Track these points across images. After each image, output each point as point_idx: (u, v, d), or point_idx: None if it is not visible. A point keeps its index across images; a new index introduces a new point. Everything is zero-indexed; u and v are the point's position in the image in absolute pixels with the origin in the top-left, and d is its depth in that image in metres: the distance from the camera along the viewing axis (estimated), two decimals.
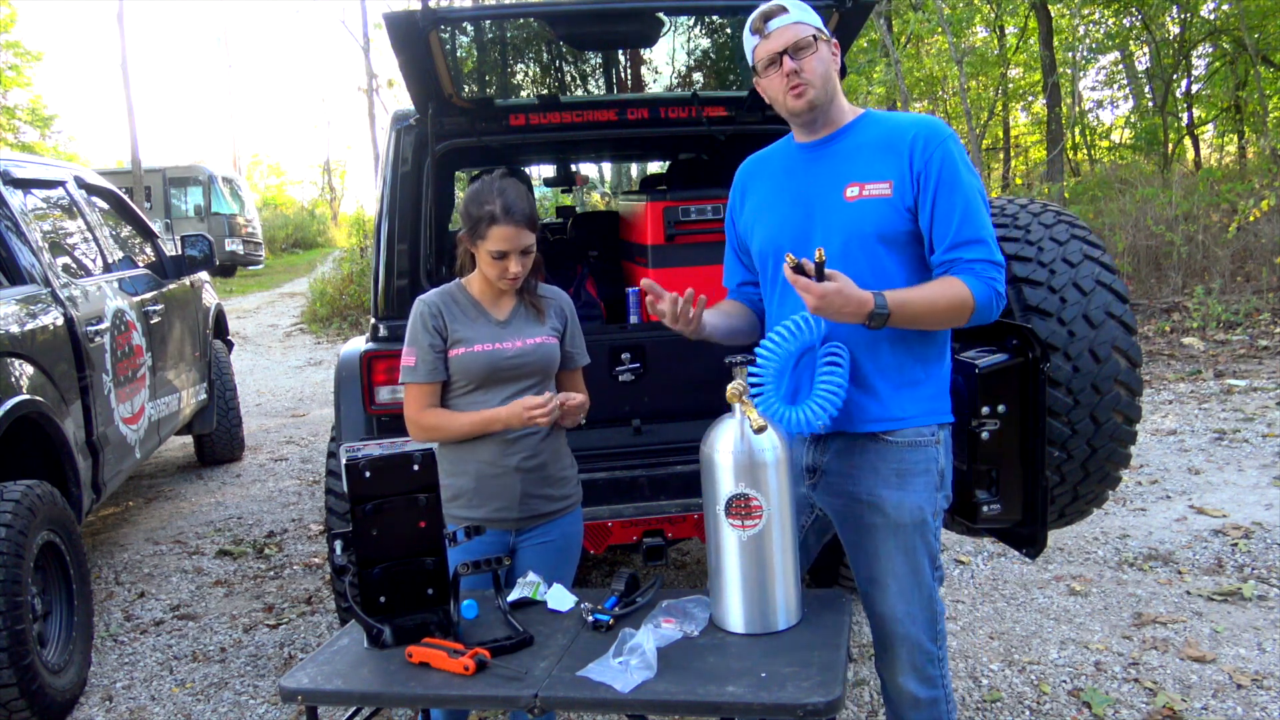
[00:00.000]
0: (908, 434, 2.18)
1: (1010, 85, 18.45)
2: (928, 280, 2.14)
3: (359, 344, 3.50)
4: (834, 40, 2.22)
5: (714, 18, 3.86)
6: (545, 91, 4.13)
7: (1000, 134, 19.81)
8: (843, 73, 2.32)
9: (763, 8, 2.17)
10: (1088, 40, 16.22)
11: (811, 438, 2.27)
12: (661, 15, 3.45)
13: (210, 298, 6.85)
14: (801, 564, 2.26)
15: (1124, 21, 16.50)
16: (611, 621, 2.09)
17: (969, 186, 2.12)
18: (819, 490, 2.30)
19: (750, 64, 2.22)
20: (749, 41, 2.21)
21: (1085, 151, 18.88)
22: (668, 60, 4.41)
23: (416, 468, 2.14)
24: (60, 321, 4.11)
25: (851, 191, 2.15)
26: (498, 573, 2.22)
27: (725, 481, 2.02)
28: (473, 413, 2.43)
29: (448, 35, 3.24)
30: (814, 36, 2.15)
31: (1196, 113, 17.52)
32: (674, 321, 2.16)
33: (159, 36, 69.46)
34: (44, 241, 4.39)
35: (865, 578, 2.27)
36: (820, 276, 1.98)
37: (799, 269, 2.00)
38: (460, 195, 6.12)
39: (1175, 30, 16.27)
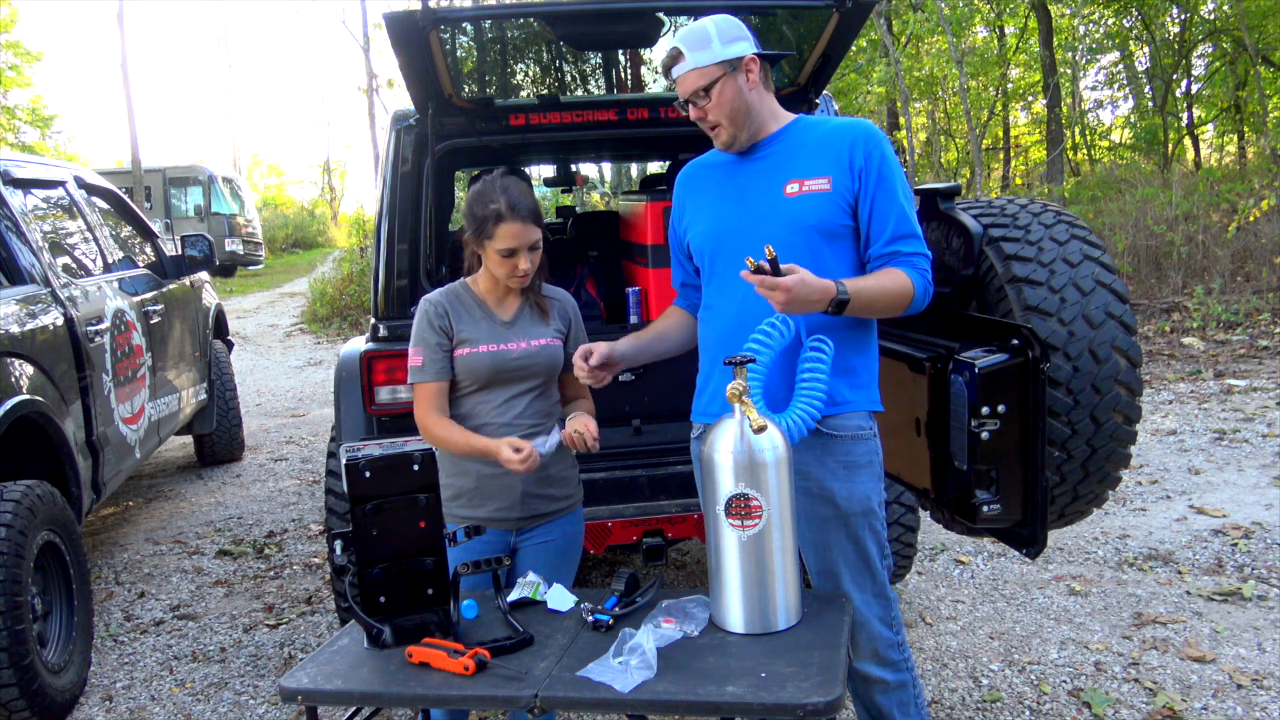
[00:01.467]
0: (849, 426, 2.29)
1: (1010, 85, 18.46)
2: (861, 273, 2.28)
3: (359, 344, 3.50)
4: (747, 58, 2.23)
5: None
6: (545, 91, 4.13)
7: (1000, 134, 19.82)
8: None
9: (668, 54, 2.25)
10: (1088, 40, 16.22)
11: None
12: (661, 15, 3.45)
13: (210, 298, 6.85)
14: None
15: (1124, 21, 16.50)
16: (611, 621, 2.09)
17: (903, 186, 2.28)
18: None
19: None
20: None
21: (1085, 152, 18.88)
22: None
23: (416, 468, 2.13)
24: (60, 321, 4.11)
25: (792, 188, 2.26)
26: (498, 573, 2.22)
27: (725, 481, 2.02)
28: (475, 437, 2.41)
29: (448, 35, 3.24)
30: (712, 80, 2.21)
31: (1196, 113, 17.54)
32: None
33: (159, 36, 69.45)
34: (44, 241, 4.39)
35: (819, 570, 2.36)
36: (776, 273, 2.05)
37: (759, 270, 2.05)
38: (460, 195, 6.12)
39: (1175, 30, 16.28)
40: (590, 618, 2.11)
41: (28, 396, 3.63)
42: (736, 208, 2.31)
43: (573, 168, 6.15)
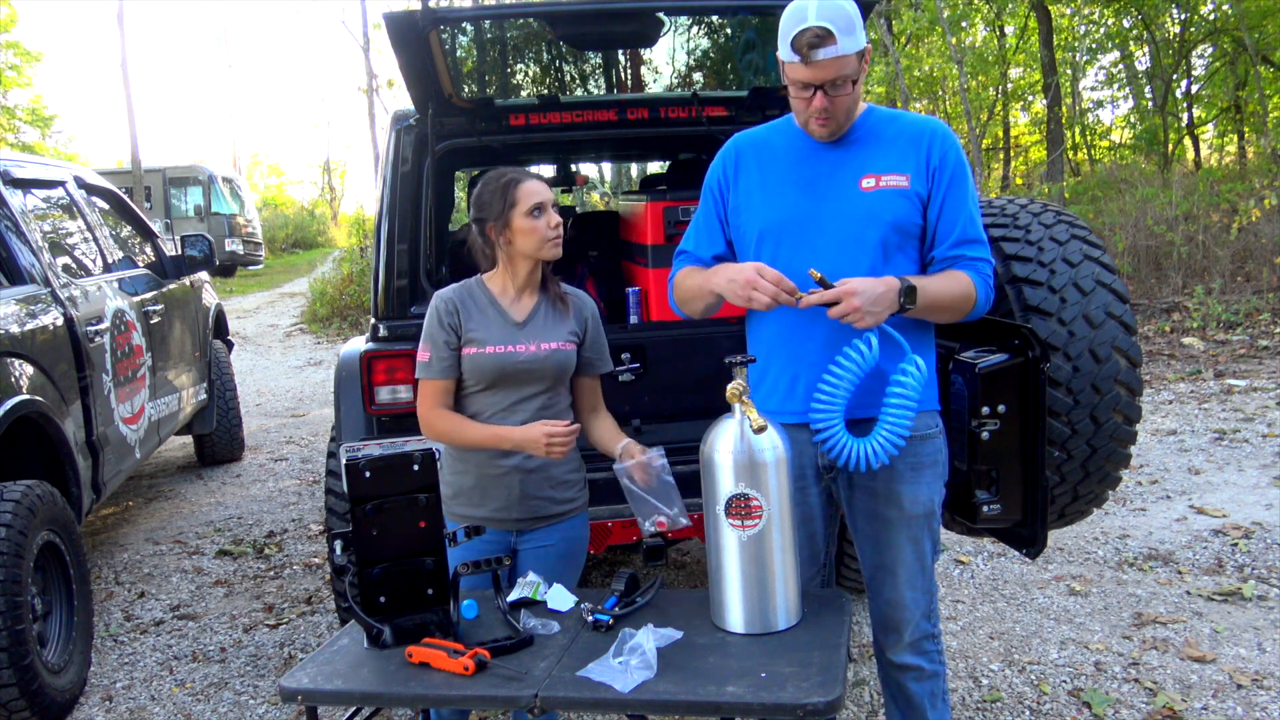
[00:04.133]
0: (919, 426, 2.24)
1: (1010, 85, 18.46)
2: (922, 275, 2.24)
3: (359, 344, 3.50)
4: (869, 49, 2.20)
5: (714, 18, 3.86)
6: (545, 91, 4.13)
7: (1000, 134, 19.82)
8: None
9: (810, 30, 2.05)
10: (1088, 40, 16.22)
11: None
12: (661, 15, 3.45)
13: (210, 298, 6.85)
14: (825, 551, 2.43)
15: (1124, 22, 16.50)
16: (611, 621, 2.09)
17: (973, 190, 2.23)
18: (838, 485, 2.36)
19: (779, 61, 2.16)
20: (786, 52, 2.11)
21: (1085, 151, 18.89)
22: (668, 60, 4.41)
23: (416, 468, 2.13)
24: (60, 321, 4.11)
25: (868, 182, 2.21)
26: (498, 573, 2.22)
27: (725, 481, 2.02)
28: (489, 426, 2.40)
29: (447, 35, 3.24)
30: (856, 68, 2.11)
31: (1196, 113, 17.53)
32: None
33: (159, 36, 69.40)
34: (44, 241, 4.39)
35: (874, 564, 2.36)
36: (828, 289, 2.04)
37: (822, 284, 2.04)
38: (461, 195, 6.12)
39: (1175, 30, 16.28)
40: (590, 618, 2.11)
41: (28, 396, 3.63)
42: (804, 196, 2.23)
43: (573, 168, 6.15)
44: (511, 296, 2.46)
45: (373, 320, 3.49)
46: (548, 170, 6.40)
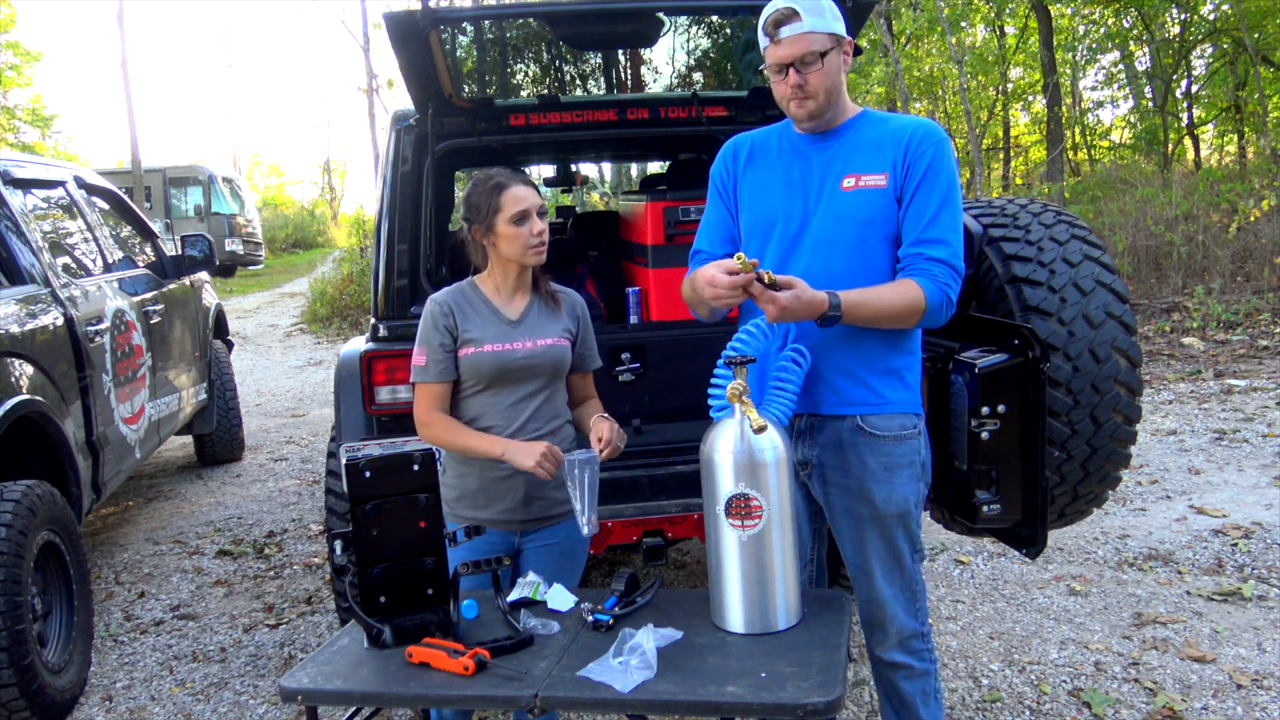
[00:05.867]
0: (892, 426, 2.25)
1: (1010, 85, 18.46)
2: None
3: (359, 344, 3.50)
4: (848, 40, 2.22)
5: (714, 18, 3.86)
6: (545, 91, 4.13)
7: (1000, 134, 19.81)
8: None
9: (776, 10, 2.14)
10: (1088, 40, 16.22)
11: (798, 432, 2.32)
12: (661, 15, 3.45)
13: (210, 298, 6.85)
14: (814, 549, 2.44)
15: (1124, 21, 16.50)
16: (611, 621, 2.09)
17: (949, 189, 2.19)
18: (813, 481, 2.36)
19: (761, 52, 2.22)
20: (761, 39, 2.20)
21: (1085, 151, 18.88)
22: (668, 60, 4.42)
23: (416, 468, 2.14)
24: (60, 321, 4.11)
25: (848, 182, 2.23)
26: (497, 573, 2.22)
27: (725, 481, 2.02)
28: (484, 435, 2.40)
29: (447, 35, 3.24)
30: (825, 45, 2.14)
31: (1196, 113, 17.52)
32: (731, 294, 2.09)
33: (159, 36, 69.36)
34: (44, 241, 4.39)
35: (854, 563, 2.37)
36: (773, 286, 2.04)
37: (771, 285, 2.04)
38: (461, 195, 6.13)
39: (1175, 30, 16.28)
40: (590, 618, 2.11)
41: (28, 396, 3.63)
42: (790, 195, 2.27)
43: (573, 168, 6.15)
44: (504, 297, 2.49)
45: (373, 320, 3.49)
46: (548, 170, 6.42)
